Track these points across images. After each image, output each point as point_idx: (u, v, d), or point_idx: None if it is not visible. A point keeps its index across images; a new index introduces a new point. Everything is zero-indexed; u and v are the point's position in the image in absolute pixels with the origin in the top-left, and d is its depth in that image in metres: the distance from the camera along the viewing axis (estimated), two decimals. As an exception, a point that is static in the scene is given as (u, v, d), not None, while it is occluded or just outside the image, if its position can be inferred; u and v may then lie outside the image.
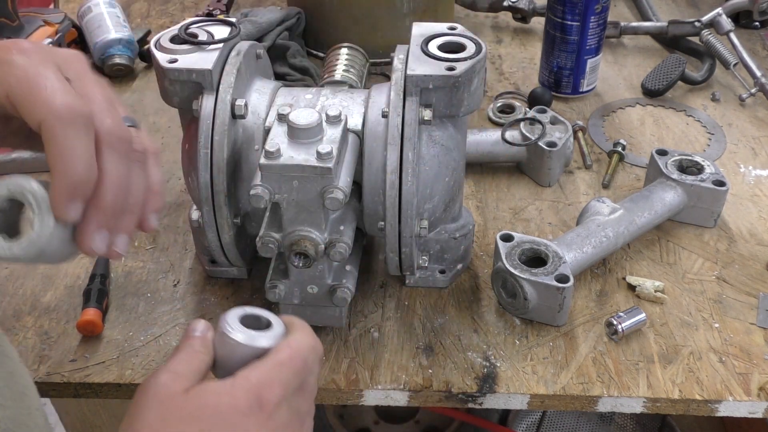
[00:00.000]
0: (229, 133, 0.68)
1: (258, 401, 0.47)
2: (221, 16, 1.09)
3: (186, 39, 0.70)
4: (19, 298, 0.78)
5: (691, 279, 0.79)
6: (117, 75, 1.16)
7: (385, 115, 0.67)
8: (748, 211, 0.89)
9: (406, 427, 1.33)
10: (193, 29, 0.72)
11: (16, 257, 0.45)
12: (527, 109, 1.03)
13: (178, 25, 0.72)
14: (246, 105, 0.68)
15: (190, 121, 0.72)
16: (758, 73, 1.07)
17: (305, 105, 0.71)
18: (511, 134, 0.92)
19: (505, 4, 1.26)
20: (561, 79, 1.09)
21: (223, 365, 0.50)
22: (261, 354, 0.49)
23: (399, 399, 0.69)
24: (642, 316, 0.73)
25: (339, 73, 0.88)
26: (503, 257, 0.73)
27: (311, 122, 0.62)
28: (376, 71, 1.14)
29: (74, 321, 0.74)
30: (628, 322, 0.72)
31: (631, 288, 0.78)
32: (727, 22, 1.12)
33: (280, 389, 0.48)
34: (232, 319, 0.51)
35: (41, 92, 0.44)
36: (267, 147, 0.61)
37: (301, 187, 0.62)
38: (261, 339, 0.50)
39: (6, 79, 0.45)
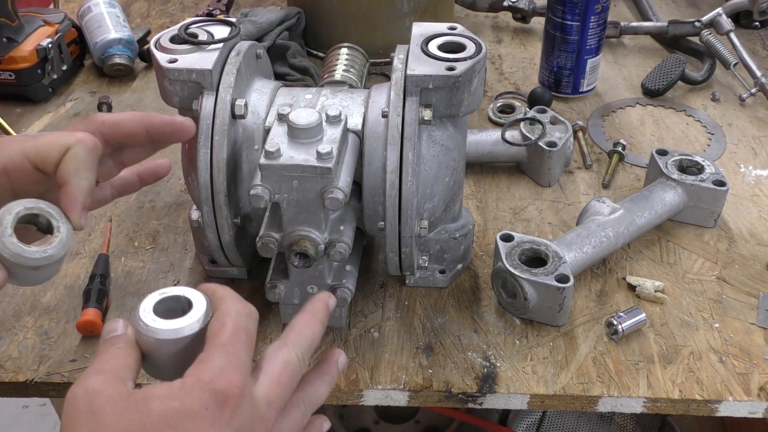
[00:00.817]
0: (229, 133, 0.68)
1: (215, 398, 0.42)
2: (221, 16, 1.09)
3: (186, 39, 0.70)
4: (19, 298, 0.78)
5: (691, 279, 0.79)
6: (117, 75, 1.16)
7: (385, 115, 0.67)
8: (748, 211, 0.89)
9: (406, 427, 1.33)
10: (193, 29, 0.72)
11: (50, 257, 0.49)
12: (527, 109, 1.03)
13: (178, 25, 0.72)
14: (246, 105, 0.68)
15: (190, 121, 0.72)
16: (758, 73, 1.07)
17: (305, 105, 0.71)
18: (511, 134, 0.92)
19: (505, 4, 1.26)
20: (561, 79, 1.09)
21: (153, 362, 0.47)
22: (192, 340, 0.46)
23: (399, 399, 0.69)
24: (642, 316, 0.73)
25: (339, 73, 0.88)
26: (503, 257, 0.73)
27: (311, 122, 0.62)
28: (376, 71, 1.14)
29: (74, 321, 0.74)
30: (628, 322, 0.72)
31: (631, 288, 0.78)
32: (727, 22, 1.12)
33: (236, 375, 0.44)
34: (145, 312, 0.47)
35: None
36: (267, 147, 0.61)
37: (301, 187, 0.62)
38: (185, 327, 0.46)
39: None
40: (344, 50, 0.93)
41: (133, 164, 0.64)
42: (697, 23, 1.15)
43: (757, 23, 1.25)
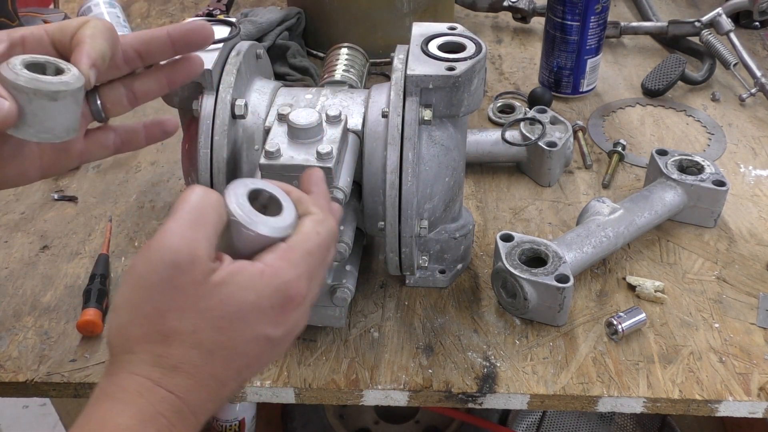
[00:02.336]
0: (229, 133, 0.68)
1: (283, 299, 0.46)
2: (221, 16, 1.09)
3: (186, 39, 0.70)
4: (19, 298, 0.78)
5: (691, 279, 0.79)
6: (117, 75, 1.16)
7: (385, 115, 0.67)
8: (748, 211, 0.89)
9: (406, 427, 1.33)
10: (193, 29, 0.72)
11: (66, 83, 0.50)
12: (527, 109, 1.03)
13: (178, 25, 0.72)
14: (246, 105, 0.68)
15: (190, 121, 0.72)
16: (758, 73, 1.07)
17: (305, 105, 0.71)
18: (511, 134, 0.92)
19: (505, 4, 1.26)
20: (561, 79, 1.09)
21: (233, 247, 0.47)
22: (276, 242, 0.46)
23: (399, 399, 0.69)
24: (642, 316, 0.73)
25: (339, 73, 0.88)
26: (503, 257, 0.73)
27: (311, 122, 0.62)
28: (376, 71, 1.14)
29: (74, 321, 0.74)
30: (628, 322, 0.72)
31: (631, 288, 0.78)
32: (727, 22, 1.12)
33: (305, 285, 0.47)
34: (242, 201, 0.46)
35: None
36: (267, 147, 0.61)
37: (301, 187, 0.62)
38: (281, 228, 0.47)
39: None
40: (344, 50, 0.93)
41: (144, 100, 0.61)
42: (697, 23, 1.15)
43: (757, 23, 1.25)
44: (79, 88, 0.51)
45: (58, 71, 0.52)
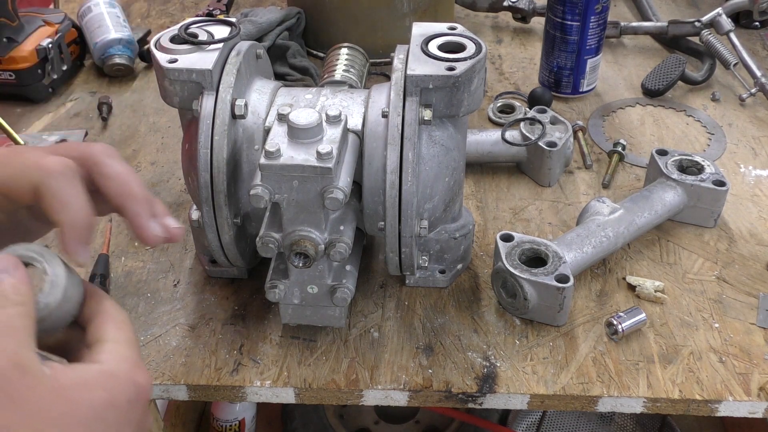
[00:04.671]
0: (229, 133, 0.68)
1: (137, 392, 0.42)
2: (221, 16, 1.09)
3: (186, 39, 0.70)
4: (19, 298, 0.78)
5: (691, 279, 0.79)
6: (117, 75, 1.16)
7: (385, 115, 0.67)
8: (748, 211, 0.89)
9: (406, 427, 1.33)
10: (193, 29, 0.72)
11: (47, 305, 0.43)
12: (527, 109, 1.03)
13: (178, 25, 0.72)
14: (246, 105, 0.68)
15: (190, 121, 0.72)
16: (758, 73, 1.07)
17: (305, 105, 0.71)
18: (511, 134, 0.92)
19: (505, 4, 1.26)
20: (561, 79, 1.09)
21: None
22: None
23: (399, 399, 0.69)
24: (642, 316, 0.73)
25: (339, 73, 0.88)
26: (503, 257, 0.73)
27: (311, 122, 0.62)
28: (376, 71, 1.14)
29: (74, 321, 0.74)
30: (628, 322, 0.72)
31: (631, 288, 0.78)
32: (727, 22, 1.12)
33: (144, 371, 0.43)
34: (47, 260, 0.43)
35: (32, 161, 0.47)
36: (267, 147, 0.61)
37: (301, 187, 0.62)
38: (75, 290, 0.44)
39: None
40: (344, 50, 0.93)
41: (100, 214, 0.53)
42: (697, 23, 1.15)
43: (757, 23, 1.25)
44: (61, 303, 0.44)
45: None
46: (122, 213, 0.51)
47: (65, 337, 0.46)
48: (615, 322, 0.72)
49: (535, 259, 0.74)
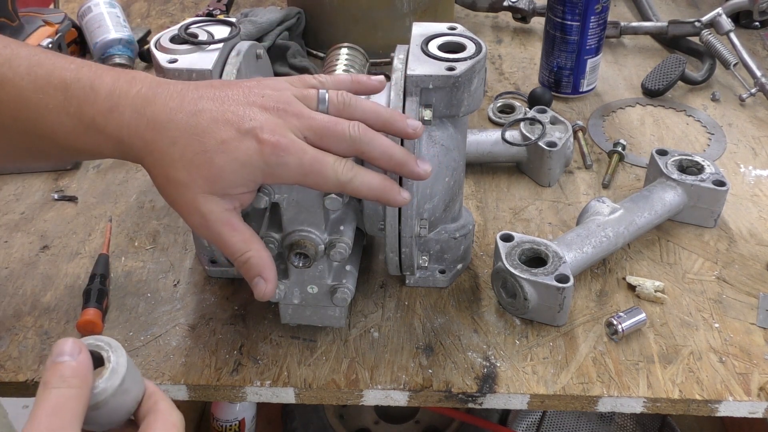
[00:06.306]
0: (229, 133, 0.67)
1: None
2: (221, 16, 1.09)
3: (186, 39, 0.70)
4: (19, 298, 0.78)
5: (691, 279, 0.79)
6: (117, 75, 1.16)
7: (385, 115, 0.67)
8: (748, 211, 0.89)
9: (406, 427, 1.33)
10: (193, 29, 0.72)
11: (103, 390, 0.44)
12: (527, 109, 1.03)
13: (178, 25, 0.72)
14: (246, 105, 0.68)
15: (190, 121, 0.71)
16: (758, 73, 1.07)
17: (305, 105, 0.71)
18: (511, 134, 0.92)
19: (505, 4, 1.26)
20: (561, 79, 1.09)
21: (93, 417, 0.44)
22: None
23: (399, 399, 0.69)
24: (642, 316, 0.73)
25: (339, 73, 0.88)
26: (503, 257, 0.73)
27: (311, 122, 0.62)
28: (376, 71, 1.14)
29: (74, 321, 0.74)
30: (628, 322, 0.72)
31: (631, 288, 0.78)
32: (727, 22, 1.12)
33: None
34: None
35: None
36: (267, 147, 0.61)
37: (301, 187, 0.62)
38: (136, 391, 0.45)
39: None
40: (344, 50, 0.93)
41: None
42: (697, 23, 1.15)
43: (757, 23, 1.25)
44: (117, 391, 0.45)
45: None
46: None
47: None
48: (615, 322, 0.72)
49: (535, 259, 0.74)
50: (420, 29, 0.72)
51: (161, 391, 0.48)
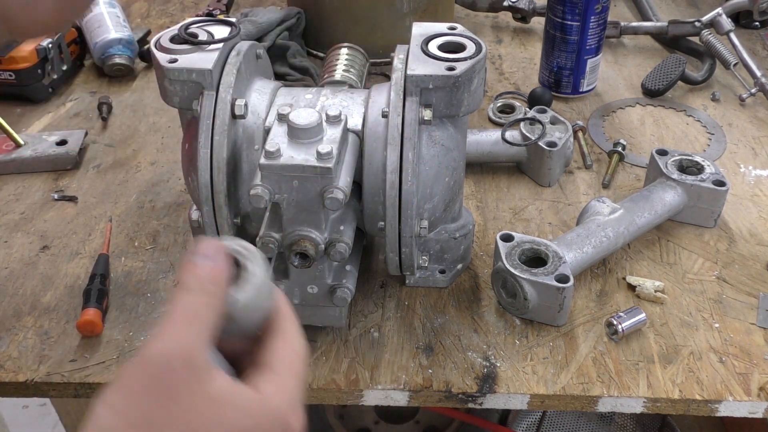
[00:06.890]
0: (229, 133, 0.68)
1: (283, 430, 0.41)
2: (221, 16, 1.09)
3: (186, 39, 0.70)
4: (19, 298, 0.78)
5: (691, 279, 0.79)
6: (117, 75, 1.16)
7: (385, 115, 0.67)
8: (748, 211, 0.89)
9: (406, 427, 1.33)
10: (193, 29, 0.72)
11: (236, 301, 0.42)
12: (527, 109, 1.03)
13: (178, 25, 0.72)
14: (246, 105, 0.68)
15: (190, 121, 0.72)
16: (758, 73, 1.07)
17: (305, 105, 0.71)
18: (511, 134, 0.92)
19: (505, 4, 1.26)
20: (561, 79, 1.09)
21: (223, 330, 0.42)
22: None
23: (399, 399, 0.69)
24: (642, 316, 0.73)
25: (339, 73, 0.88)
26: (503, 257, 0.73)
27: (311, 122, 0.62)
28: (376, 71, 1.14)
29: (74, 321, 0.74)
30: (628, 322, 0.72)
31: (631, 288, 0.78)
32: (727, 22, 1.12)
33: (299, 413, 0.42)
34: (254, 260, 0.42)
35: None
36: (267, 147, 0.61)
37: (301, 187, 0.62)
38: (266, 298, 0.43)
39: None
40: (344, 50, 0.93)
41: None
42: (697, 23, 1.15)
43: (757, 23, 1.25)
44: (256, 301, 0.42)
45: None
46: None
47: (241, 346, 0.44)
48: (615, 322, 0.72)
49: (535, 259, 0.74)
50: (420, 29, 0.72)
51: (289, 308, 0.45)
